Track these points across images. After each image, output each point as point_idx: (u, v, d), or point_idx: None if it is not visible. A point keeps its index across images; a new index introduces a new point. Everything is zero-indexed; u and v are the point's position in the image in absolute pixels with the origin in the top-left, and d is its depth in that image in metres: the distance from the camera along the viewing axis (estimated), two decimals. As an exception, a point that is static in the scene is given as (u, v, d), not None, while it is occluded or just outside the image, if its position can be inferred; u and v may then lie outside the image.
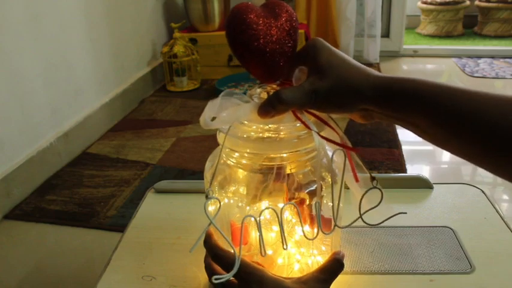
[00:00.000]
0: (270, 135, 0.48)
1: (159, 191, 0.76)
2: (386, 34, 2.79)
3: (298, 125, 0.47)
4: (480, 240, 0.62)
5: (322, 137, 0.46)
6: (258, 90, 0.50)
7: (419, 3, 3.42)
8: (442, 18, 3.32)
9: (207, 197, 0.44)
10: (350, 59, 0.46)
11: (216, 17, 2.43)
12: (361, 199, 0.47)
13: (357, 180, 0.46)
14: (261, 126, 0.48)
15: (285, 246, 0.45)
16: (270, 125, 0.48)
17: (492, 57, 2.75)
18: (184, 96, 2.26)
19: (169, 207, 0.73)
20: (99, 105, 1.85)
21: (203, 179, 0.55)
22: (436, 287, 0.54)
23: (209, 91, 2.30)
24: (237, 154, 0.49)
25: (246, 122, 0.48)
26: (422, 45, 3.05)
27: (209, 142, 1.71)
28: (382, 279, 0.56)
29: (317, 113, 0.48)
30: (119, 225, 1.22)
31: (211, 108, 0.47)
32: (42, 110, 1.52)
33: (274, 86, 0.50)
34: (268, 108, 0.45)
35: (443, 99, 0.40)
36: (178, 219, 0.69)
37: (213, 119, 0.47)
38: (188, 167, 1.54)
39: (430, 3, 3.33)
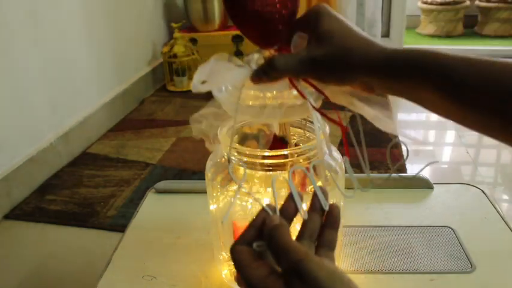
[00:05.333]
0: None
1: (160, 191, 0.76)
2: (386, 34, 2.79)
3: (294, 93, 0.45)
4: (480, 240, 0.62)
5: (317, 110, 0.44)
6: (256, 55, 0.47)
7: (419, 3, 3.42)
8: (442, 18, 3.32)
9: (229, 162, 0.46)
10: (354, 27, 0.42)
11: (216, 17, 2.42)
12: None
13: (347, 155, 0.44)
14: (257, 93, 0.46)
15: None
16: (268, 94, 0.46)
17: (492, 57, 2.75)
18: (184, 96, 2.26)
19: (169, 207, 0.73)
20: (99, 105, 1.84)
21: (203, 179, 0.55)
22: (437, 287, 0.54)
23: (209, 91, 2.30)
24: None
25: (236, 87, 0.46)
26: (422, 45, 3.05)
27: (209, 142, 1.70)
28: (382, 278, 0.56)
29: (316, 83, 0.45)
30: (119, 225, 1.22)
31: (202, 71, 0.45)
32: (42, 109, 1.52)
33: (272, 51, 0.47)
34: (261, 75, 0.43)
35: (456, 68, 0.36)
36: (178, 219, 0.70)
37: (204, 82, 0.45)
38: (188, 167, 1.54)
39: (430, 3, 3.33)
